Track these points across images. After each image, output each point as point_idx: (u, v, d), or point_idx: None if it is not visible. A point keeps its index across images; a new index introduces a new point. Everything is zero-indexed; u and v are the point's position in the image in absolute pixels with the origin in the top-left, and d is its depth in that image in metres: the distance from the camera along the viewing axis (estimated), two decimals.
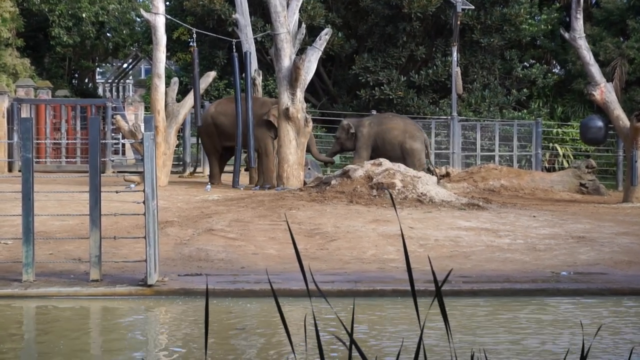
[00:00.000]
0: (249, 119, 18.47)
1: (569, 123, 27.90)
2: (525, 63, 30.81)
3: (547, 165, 25.91)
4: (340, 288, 9.57)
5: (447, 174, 20.14)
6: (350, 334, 2.16)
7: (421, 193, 15.26)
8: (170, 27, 22.99)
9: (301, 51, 19.92)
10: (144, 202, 9.82)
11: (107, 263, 10.24)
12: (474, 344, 7.46)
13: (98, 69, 44.56)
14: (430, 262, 2.44)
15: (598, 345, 7.44)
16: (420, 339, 2.16)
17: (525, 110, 29.05)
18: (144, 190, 9.87)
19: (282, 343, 7.83)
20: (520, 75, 29.50)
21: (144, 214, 9.83)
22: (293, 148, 18.17)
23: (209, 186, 18.40)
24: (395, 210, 3.06)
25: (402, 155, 19.61)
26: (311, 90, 27.79)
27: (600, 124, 18.83)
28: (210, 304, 9.25)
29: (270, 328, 8.50)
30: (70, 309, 9.17)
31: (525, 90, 29.52)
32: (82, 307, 9.27)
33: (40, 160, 23.77)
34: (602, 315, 9.03)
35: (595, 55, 20.19)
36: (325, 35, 19.28)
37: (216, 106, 20.07)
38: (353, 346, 2.16)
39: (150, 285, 9.59)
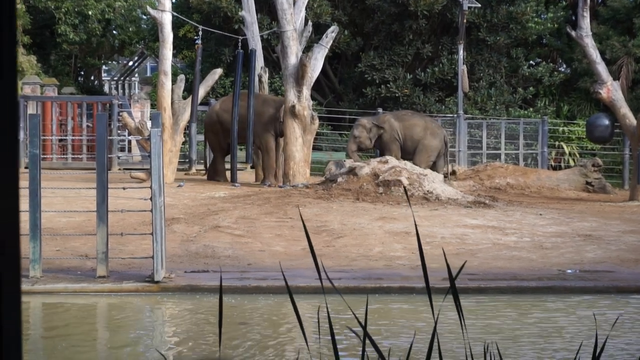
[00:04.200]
0: (249, 116, 18.48)
1: (575, 121, 27.86)
2: (531, 61, 30.78)
3: (553, 164, 25.87)
4: (347, 285, 9.58)
5: (453, 172, 20.12)
6: (364, 327, 2.16)
7: (427, 191, 15.26)
8: (176, 25, 23.00)
9: (307, 49, 19.92)
10: (150, 199, 9.83)
11: (113, 259, 10.26)
12: (483, 340, 7.46)
13: (104, 66, 44.57)
14: (445, 257, 2.44)
15: (607, 343, 7.43)
16: (434, 331, 2.17)
17: (531, 109, 29.01)
18: (151, 187, 9.88)
19: (288, 338, 7.84)
20: (527, 74, 29.47)
21: (151, 211, 9.85)
22: (299, 145, 18.17)
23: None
24: (410, 206, 3.05)
25: (416, 150, 19.53)
26: (317, 88, 27.77)
27: (606, 122, 18.80)
28: (217, 301, 9.26)
29: (277, 324, 8.51)
30: (77, 305, 9.19)
31: (531, 88, 29.48)
32: (89, 303, 9.28)
33: (47, 157, 23.79)
34: (609, 313, 9.02)
35: (602, 54, 20.18)
36: (332, 32, 19.28)
37: (221, 104, 20.08)
38: (367, 340, 2.17)
39: (157, 282, 9.61)
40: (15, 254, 0.94)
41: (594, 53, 18.37)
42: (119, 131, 24.96)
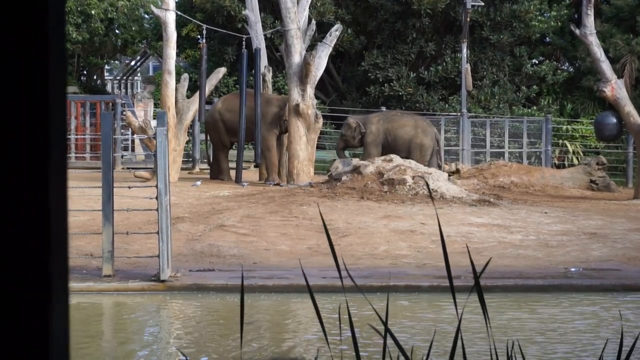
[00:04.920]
0: (257, 115, 18.45)
1: (578, 120, 27.84)
2: (534, 60, 30.73)
3: (556, 162, 25.82)
4: (352, 284, 9.55)
5: (457, 171, 20.09)
6: (385, 324, 2.15)
7: (432, 189, 15.23)
8: (179, 24, 22.95)
9: (311, 47, 19.90)
10: (156, 198, 9.82)
11: (119, 259, 10.24)
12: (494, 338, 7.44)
13: (106, 65, 44.53)
14: (470, 256, 2.42)
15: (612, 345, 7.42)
16: (458, 329, 2.16)
17: (534, 107, 28.99)
18: (156, 186, 9.87)
19: (294, 337, 7.83)
20: (530, 72, 29.44)
21: (157, 210, 9.84)
22: (303, 144, 18.15)
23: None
24: (433, 202, 3.02)
25: (410, 150, 19.61)
26: (320, 86, 27.71)
27: (614, 120, 18.76)
28: (223, 300, 9.26)
29: (283, 322, 8.50)
30: (83, 304, 9.17)
31: (535, 87, 29.45)
32: (94, 302, 9.27)
33: None
34: (614, 311, 9.00)
35: (605, 52, 20.11)
36: (335, 31, 19.26)
37: (223, 102, 20.05)
38: (388, 337, 2.16)
39: (162, 281, 9.60)
40: (64, 253, 0.93)
41: (598, 51, 18.33)
42: (122, 130, 24.96)
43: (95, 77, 41.60)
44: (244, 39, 20.28)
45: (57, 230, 0.91)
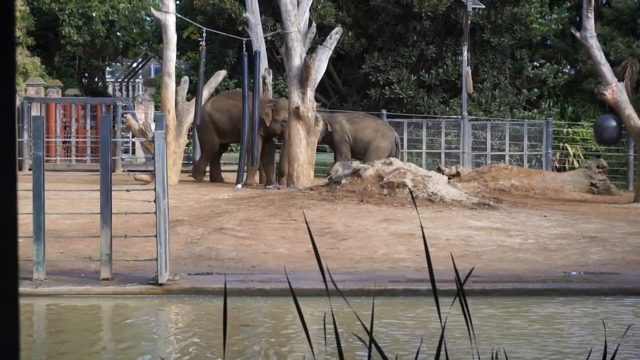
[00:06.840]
0: (255, 118, 18.45)
1: (579, 123, 27.83)
2: (535, 63, 30.70)
3: (557, 165, 25.83)
4: (352, 287, 9.55)
5: (458, 174, 20.08)
6: (370, 332, 2.14)
7: (432, 192, 15.22)
8: (180, 26, 22.93)
9: (311, 50, 19.89)
10: (154, 201, 9.82)
11: (117, 262, 10.23)
12: (490, 342, 7.43)
13: (108, 68, 44.55)
14: (454, 263, 2.42)
15: (611, 347, 7.40)
16: (442, 337, 2.14)
17: (535, 110, 28.97)
18: (154, 189, 9.86)
19: (291, 341, 7.82)
20: (531, 75, 29.41)
21: (155, 213, 9.83)
22: (303, 147, 18.14)
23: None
24: (416, 208, 3.02)
25: (367, 153, 20.10)
26: (321, 89, 27.70)
27: (614, 123, 18.74)
28: (221, 304, 9.24)
29: (281, 326, 8.49)
30: (81, 307, 9.17)
31: (535, 89, 29.42)
32: (92, 305, 9.26)
33: (50, 158, 23.76)
34: (617, 315, 8.99)
35: (606, 55, 20.11)
36: (336, 34, 19.26)
37: (212, 103, 20.06)
38: (373, 345, 2.14)
39: (161, 284, 9.59)
40: (13, 257, 0.92)
41: (599, 54, 18.32)
42: (122, 133, 24.96)
43: (96, 80, 41.62)
44: (244, 42, 20.27)
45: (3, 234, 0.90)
